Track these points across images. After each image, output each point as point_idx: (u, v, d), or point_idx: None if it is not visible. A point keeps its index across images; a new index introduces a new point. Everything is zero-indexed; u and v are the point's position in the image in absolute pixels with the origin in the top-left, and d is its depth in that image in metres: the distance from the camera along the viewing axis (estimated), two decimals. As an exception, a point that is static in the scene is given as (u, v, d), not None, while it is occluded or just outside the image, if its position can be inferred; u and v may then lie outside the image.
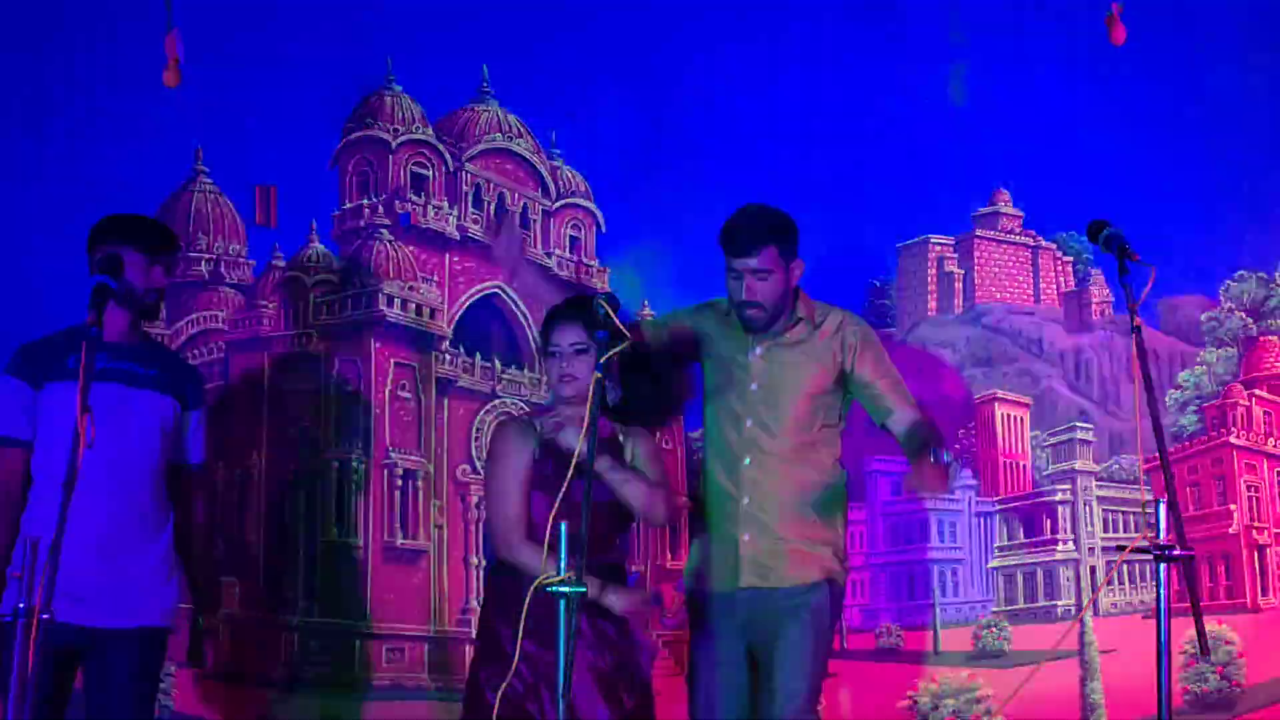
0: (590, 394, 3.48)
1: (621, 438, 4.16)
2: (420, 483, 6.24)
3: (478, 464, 6.13)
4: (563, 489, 3.53)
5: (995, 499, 6.52)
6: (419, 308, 6.32)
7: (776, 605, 3.94)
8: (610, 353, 3.55)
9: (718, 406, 4.10)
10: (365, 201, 6.37)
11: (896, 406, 4.04)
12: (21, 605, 3.17)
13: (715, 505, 4.03)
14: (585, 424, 3.43)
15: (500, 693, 3.78)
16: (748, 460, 3.93)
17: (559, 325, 4.18)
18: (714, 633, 4.00)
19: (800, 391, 3.96)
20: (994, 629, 6.35)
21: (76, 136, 5.99)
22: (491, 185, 6.52)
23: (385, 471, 6.21)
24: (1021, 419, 6.52)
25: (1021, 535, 6.53)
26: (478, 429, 6.29)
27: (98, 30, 5.90)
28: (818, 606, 3.92)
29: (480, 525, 4.68)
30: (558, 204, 6.57)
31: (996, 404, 6.50)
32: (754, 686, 4.01)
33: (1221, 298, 6.56)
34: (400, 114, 6.41)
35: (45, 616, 3.10)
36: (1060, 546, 6.48)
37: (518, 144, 6.54)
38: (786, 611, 3.92)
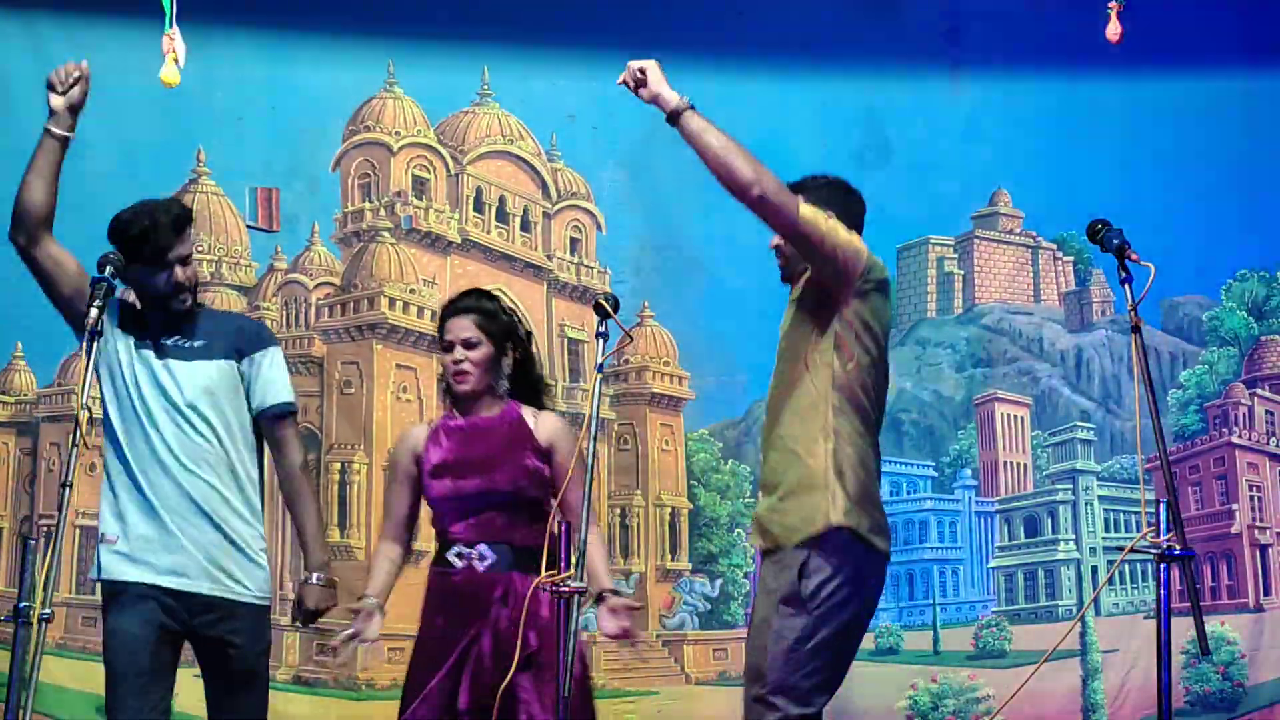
0: (591, 391, 3.48)
1: (532, 421, 3.99)
2: (422, 484, 6.24)
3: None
4: None
5: (995, 499, 6.52)
6: (420, 310, 6.33)
7: (765, 573, 3.31)
8: (611, 351, 3.55)
9: None
10: (367, 204, 6.37)
11: None
12: (22, 605, 3.15)
13: None
14: (587, 419, 3.43)
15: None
16: (766, 413, 3.65)
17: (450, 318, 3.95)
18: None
19: (793, 312, 3.60)
20: (994, 629, 6.35)
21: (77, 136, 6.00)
22: (492, 188, 6.53)
23: (387, 473, 6.20)
24: (1022, 419, 6.52)
25: (1022, 535, 6.53)
26: (479, 430, 6.29)
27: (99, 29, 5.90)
28: (798, 569, 3.24)
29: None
30: (558, 206, 6.57)
31: (997, 404, 6.50)
32: None
33: (1223, 297, 6.55)
34: (401, 117, 6.42)
35: (46, 614, 3.09)
36: (1061, 546, 6.48)
37: (519, 146, 6.54)
38: (767, 578, 3.29)
